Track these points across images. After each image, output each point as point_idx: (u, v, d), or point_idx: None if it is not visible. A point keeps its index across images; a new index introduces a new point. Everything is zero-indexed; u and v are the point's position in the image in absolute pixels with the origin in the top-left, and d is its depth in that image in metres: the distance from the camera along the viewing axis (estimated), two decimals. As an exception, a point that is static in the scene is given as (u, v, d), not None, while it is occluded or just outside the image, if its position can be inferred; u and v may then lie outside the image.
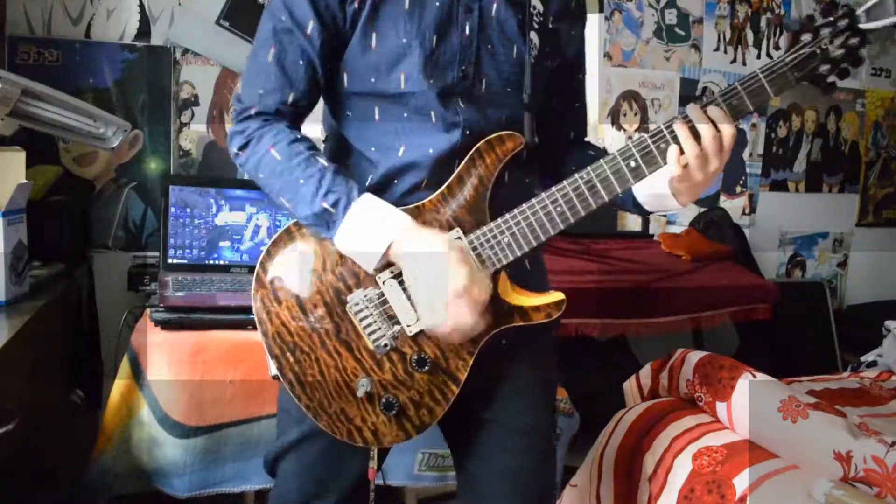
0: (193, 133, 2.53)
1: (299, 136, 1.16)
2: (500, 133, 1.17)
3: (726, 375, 1.68)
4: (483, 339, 1.16)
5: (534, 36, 1.21)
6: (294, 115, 1.18)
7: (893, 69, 3.72)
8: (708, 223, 3.18)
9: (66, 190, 2.39)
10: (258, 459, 1.84)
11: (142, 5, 2.46)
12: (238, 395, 1.81)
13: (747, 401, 1.61)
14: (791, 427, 1.53)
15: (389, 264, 1.14)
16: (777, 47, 3.43)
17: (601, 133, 3.15)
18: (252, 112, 1.16)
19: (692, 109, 1.10)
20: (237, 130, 1.17)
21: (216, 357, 1.80)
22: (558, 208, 1.14)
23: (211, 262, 2.21)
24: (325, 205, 1.11)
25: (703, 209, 3.30)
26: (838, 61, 1.12)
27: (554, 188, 1.15)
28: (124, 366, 1.81)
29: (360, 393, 1.14)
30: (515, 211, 1.15)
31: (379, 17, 1.14)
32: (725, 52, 3.33)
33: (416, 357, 1.15)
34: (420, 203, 1.16)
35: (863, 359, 2.46)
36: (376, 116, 1.18)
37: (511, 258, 1.15)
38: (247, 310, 1.88)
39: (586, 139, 1.42)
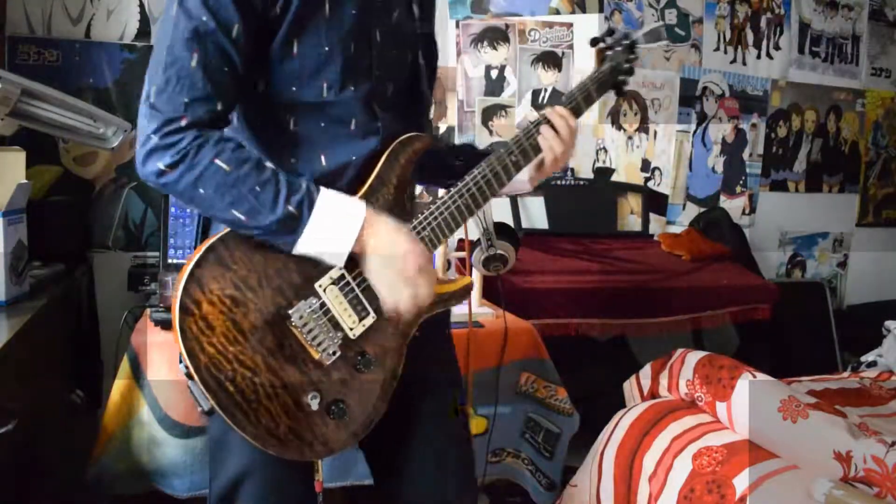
0: (193, 133, 2.53)
1: (239, 143, 1.09)
2: (409, 134, 1.20)
3: (726, 375, 1.68)
4: (412, 330, 1.19)
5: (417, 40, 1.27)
6: (222, 124, 1.11)
7: (893, 69, 3.73)
8: (708, 223, 3.18)
9: (66, 190, 2.39)
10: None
11: (142, 5, 2.46)
12: (238, 395, 1.81)
13: (747, 401, 1.61)
14: (791, 427, 1.53)
15: (325, 271, 1.13)
16: (777, 47, 3.43)
17: (601, 133, 3.15)
18: (182, 124, 1.04)
19: (549, 112, 1.31)
20: (163, 145, 1.04)
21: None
22: (464, 202, 1.23)
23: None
24: (291, 208, 1.06)
25: (703, 209, 3.30)
26: (626, 72, 1.43)
27: (460, 183, 1.23)
28: (124, 366, 1.81)
29: (314, 406, 1.11)
30: (432, 206, 1.21)
31: (301, 24, 1.10)
32: (725, 52, 3.34)
33: (360, 359, 1.15)
34: None
35: (863, 359, 2.46)
36: (293, 126, 1.15)
37: (433, 249, 1.21)
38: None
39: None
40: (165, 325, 1.83)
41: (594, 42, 1.45)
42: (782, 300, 2.80)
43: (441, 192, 1.26)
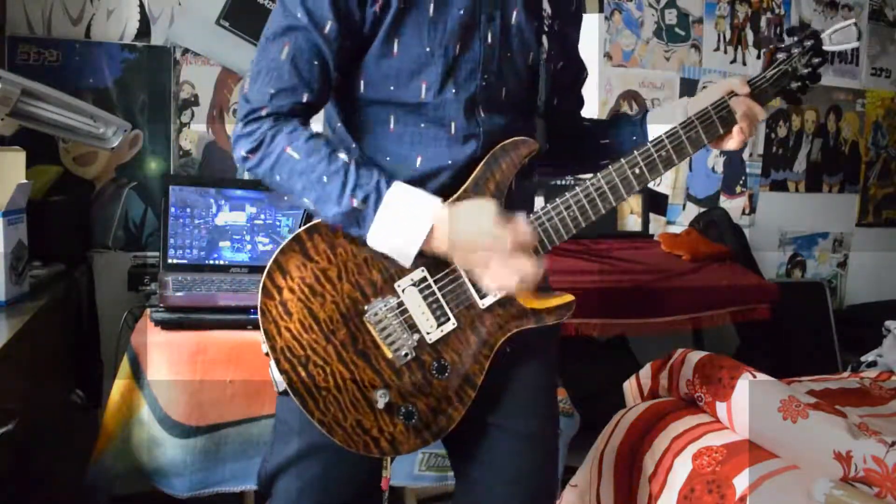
0: (193, 133, 2.53)
1: (315, 133, 1.11)
2: (514, 139, 1.16)
3: (726, 375, 1.68)
4: (499, 343, 1.16)
5: (544, 40, 1.21)
6: (306, 117, 1.13)
7: (893, 69, 3.73)
8: (708, 223, 3.18)
9: (66, 190, 2.39)
10: (258, 459, 1.84)
11: (142, 5, 2.46)
12: (238, 395, 1.81)
13: (747, 401, 1.61)
14: (791, 427, 1.53)
15: (407, 272, 1.12)
16: (777, 47, 3.43)
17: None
18: (263, 113, 1.09)
19: (736, 101, 1.21)
20: (244, 133, 1.10)
21: (216, 357, 1.80)
22: (572, 212, 1.16)
23: (211, 262, 2.21)
24: (355, 202, 1.06)
25: (703, 209, 3.30)
26: (804, 78, 1.24)
27: (579, 189, 1.16)
28: (124, 366, 1.81)
29: (381, 405, 1.12)
30: (539, 211, 1.16)
31: (402, 23, 1.10)
32: (725, 52, 3.33)
33: (435, 364, 1.14)
34: None
35: (863, 359, 2.46)
36: (391, 125, 1.15)
37: (547, 248, 1.17)
38: (246, 310, 1.90)
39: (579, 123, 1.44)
40: (165, 325, 1.83)
41: (775, 50, 1.27)
42: (782, 300, 2.80)
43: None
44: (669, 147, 1.19)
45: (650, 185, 3.19)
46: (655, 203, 3.23)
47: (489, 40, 1.15)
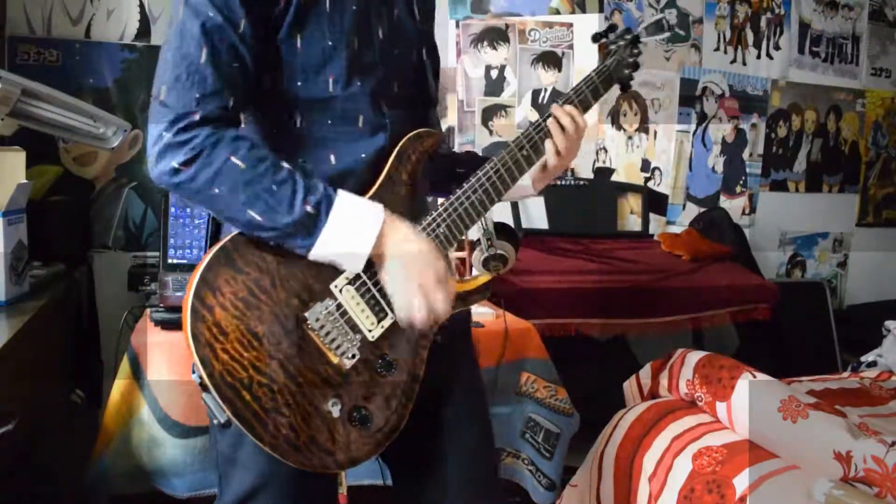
0: (193, 133, 2.53)
1: (253, 141, 1.07)
2: (419, 130, 1.19)
3: (726, 375, 1.68)
4: (433, 331, 1.17)
5: (421, 36, 1.27)
6: (235, 120, 1.08)
7: (893, 69, 3.73)
8: (708, 223, 3.18)
9: (66, 190, 2.39)
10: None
11: (142, 5, 2.46)
12: (238, 395, 1.81)
13: (747, 401, 1.61)
14: (791, 427, 1.53)
15: (339, 271, 1.11)
16: (777, 47, 3.43)
17: (601, 133, 3.15)
18: (196, 118, 1.02)
19: (556, 109, 1.28)
20: (176, 142, 1.02)
21: (216, 357, 1.80)
22: (477, 197, 1.21)
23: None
24: (308, 208, 1.03)
25: (703, 209, 3.30)
26: (631, 66, 1.39)
27: (473, 179, 1.21)
28: (124, 366, 1.81)
29: (336, 413, 1.07)
30: (446, 203, 1.19)
31: (303, 18, 1.09)
32: (725, 52, 3.34)
33: (380, 362, 1.12)
34: None
35: (863, 359, 2.46)
36: (300, 123, 1.13)
37: (449, 247, 1.19)
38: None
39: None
40: (165, 325, 1.83)
41: (596, 38, 1.44)
42: (782, 300, 2.80)
43: (440, 200, 1.23)
44: (527, 146, 1.27)
45: (654, 186, 3.20)
46: (655, 203, 3.23)
47: (380, 35, 1.17)
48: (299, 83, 1.11)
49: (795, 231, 3.57)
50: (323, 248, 1.06)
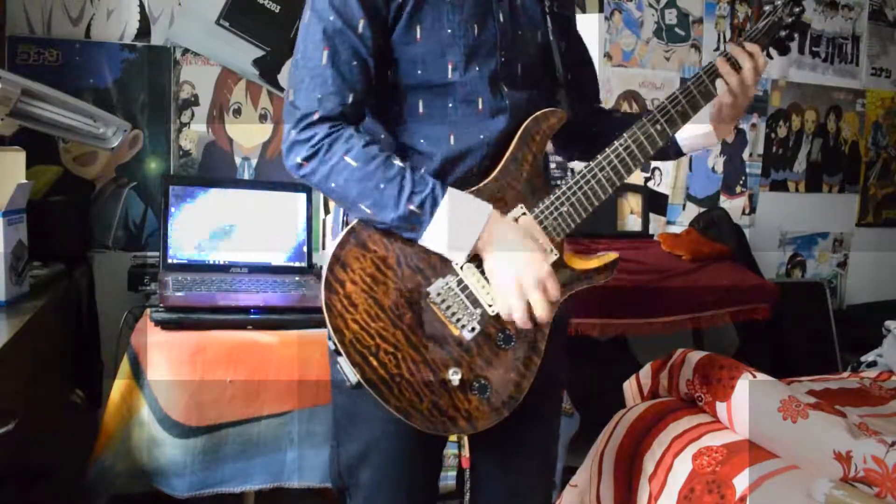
0: (193, 133, 2.53)
1: (369, 139, 1.15)
2: (544, 110, 1.23)
3: (726, 375, 1.68)
4: (556, 306, 1.19)
5: (548, 19, 1.29)
6: (355, 117, 1.17)
7: (893, 69, 3.73)
8: (708, 223, 3.18)
9: (66, 190, 2.39)
10: (258, 459, 1.84)
11: (142, 5, 2.46)
12: (238, 395, 1.81)
13: (747, 401, 1.61)
14: (791, 427, 1.53)
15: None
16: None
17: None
18: (315, 118, 1.13)
19: (731, 47, 1.26)
20: (300, 139, 1.13)
21: (216, 357, 1.80)
22: (606, 173, 1.23)
23: (211, 262, 2.21)
24: (412, 207, 1.11)
25: (702, 209, 3.30)
26: (790, 27, 1.32)
27: (608, 150, 1.23)
28: (124, 366, 1.81)
29: (455, 382, 1.14)
30: (570, 181, 1.22)
31: (422, 9, 1.16)
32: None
33: (501, 335, 1.18)
34: (481, 185, 1.20)
35: (863, 359, 2.46)
36: (421, 109, 1.20)
37: (573, 226, 1.24)
38: (246, 310, 1.90)
39: (601, 105, 1.51)
40: (165, 325, 1.83)
41: (761, 5, 1.39)
42: (782, 300, 2.80)
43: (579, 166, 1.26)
44: (683, 101, 1.25)
45: (654, 186, 3.20)
46: (655, 203, 3.23)
47: (501, 19, 1.22)
48: (419, 71, 1.18)
49: (795, 231, 3.57)
50: (428, 242, 1.14)
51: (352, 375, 1.13)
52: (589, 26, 3.05)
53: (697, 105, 1.26)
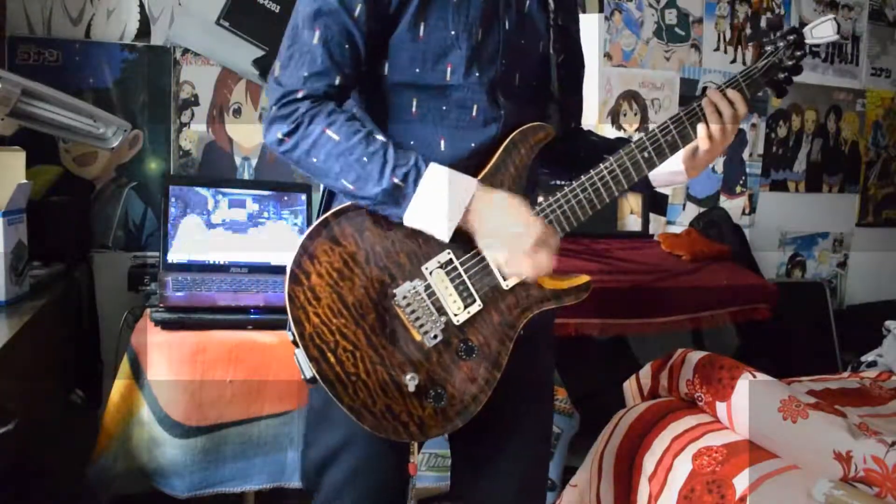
0: (193, 133, 2.53)
1: (352, 114, 1.13)
2: (532, 124, 1.20)
3: (726, 375, 1.68)
4: (522, 323, 1.19)
5: (551, 31, 1.26)
6: (339, 100, 1.15)
7: (893, 69, 3.72)
8: (708, 223, 3.18)
9: (66, 190, 2.38)
10: (258, 459, 1.84)
11: (142, 5, 2.46)
12: (238, 395, 1.81)
13: (747, 401, 1.61)
14: (791, 427, 1.53)
15: (433, 254, 1.15)
16: (777, 47, 3.43)
17: (601, 133, 3.15)
18: (299, 95, 1.11)
19: (713, 93, 1.25)
20: (280, 115, 1.11)
21: (216, 357, 1.80)
22: (588, 194, 1.21)
23: (211, 262, 2.21)
24: (396, 180, 1.09)
25: (702, 209, 3.30)
26: (788, 70, 1.29)
27: (592, 172, 1.21)
28: (124, 366, 1.81)
29: (411, 388, 1.13)
30: (551, 199, 1.21)
31: (428, 7, 1.14)
32: (725, 52, 3.33)
33: (463, 346, 1.16)
34: None
35: (863, 359, 2.46)
36: (414, 109, 1.18)
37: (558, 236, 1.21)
38: (246, 310, 1.90)
39: (581, 126, 1.48)
40: (165, 325, 1.83)
41: (755, 37, 1.39)
42: (782, 300, 2.79)
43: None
44: (674, 131, 1.24)
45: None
46: (655, 203, 3.23)
47: (507, 26, 1.19)
48: (417, 70, 1.15)
49: (795, 231, 3.57)
50: (413, 218, 1.11)
51: (307, 370, 1.12)
52: (589, 26, 3.05)
53: (687, 137, 1.24)
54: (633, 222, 3.16)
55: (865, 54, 3.64)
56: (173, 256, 2.17)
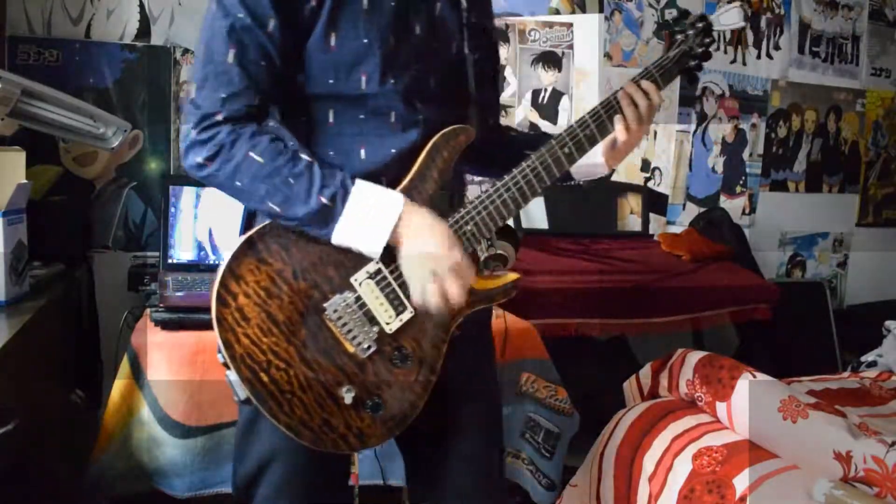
0: (193, 133, 2.53)
1: (275, 135, 1.11)
2: (453, 127, 1.19)
3: (726, 375, 1.68)
4: (453, 325, 1.18)
5: (465, 31, 1.25)
6: (261, 117, 1.12)
7: (893, 69, 3.72)
8: (708, 223, 3.18)
9: (66, 190, 2.39)
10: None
11: (142, 5, 2.46)
12: (238, 395, 1.81)
13: (747, 401, 1.61)
14: (791, 427, 1.53)
15: (361, 265, 1.13)
16: (777, 47, 3.43)
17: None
18: (219, 118, 1.08)
19: (629, 85, 1.27)
20: (200, 140, 1.08)
21: (216, 357, 1.79)
22: (511, 196, 1.20)
23: (211, 262, 2.21)
24: (324, 199, 1.08)
25: (703, 209, 3.30)
26: (699, 57, 1.34)
27: (508, 176, 1.20)
28: (124, 366, 1.81)
29: (348, 400, 1.11)
30: (476, 200, 1.19)
31: (338, 16, 1.11)
32: (725, 52, 3.33)
33: (397, 354, 1.15)
34: None
35: (863, 359, 2.46)
36: (332, 119, 1.15)
37: (477, 245, 1.20)
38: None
39: (500, 123, 1.48)
40: (165, 325, 1.83)
41: (665, 27, 1.41)
42: (782, 300, 2.80)
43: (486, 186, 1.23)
44: (592, 125, 1.25)
45: (654, 186, 3.20)
46: (655, 203, 3.23)
47: (418, 31, 1.18)
48: (331, 80, 1.13)
49: (795, 231, 3.57)
50: (341, 236, 1.10)
51: (241, 391, 1.09)
52: (589, 26, 3.06)
53: (605, 130, 1.26)
54: (633, 222, 3.16)
55: (865, 54, 3.64)
56: (173, 256, 2.17)
